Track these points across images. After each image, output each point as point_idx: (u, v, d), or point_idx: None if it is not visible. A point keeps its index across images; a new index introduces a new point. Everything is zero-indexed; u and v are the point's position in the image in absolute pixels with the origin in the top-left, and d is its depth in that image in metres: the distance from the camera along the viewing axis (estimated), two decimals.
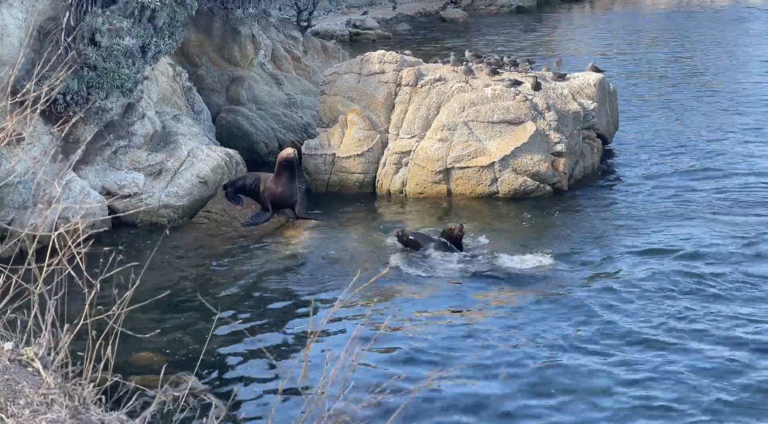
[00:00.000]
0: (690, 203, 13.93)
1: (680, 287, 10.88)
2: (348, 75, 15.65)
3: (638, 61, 26.08)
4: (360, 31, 31.93)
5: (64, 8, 13.06)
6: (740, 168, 15.64)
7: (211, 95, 17.49)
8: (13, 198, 12.24)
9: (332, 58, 20.24)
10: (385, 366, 9.01)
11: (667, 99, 21.02)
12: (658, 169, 15.73)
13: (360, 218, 13.94)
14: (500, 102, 14.60)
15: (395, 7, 36.01)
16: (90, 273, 4.87)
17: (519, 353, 9.36)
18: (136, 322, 8.19)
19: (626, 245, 12.31)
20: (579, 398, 8.46)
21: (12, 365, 4.55)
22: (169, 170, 13.91)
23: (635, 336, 9.64)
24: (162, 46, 13.82)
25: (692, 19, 34.94)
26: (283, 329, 10.08)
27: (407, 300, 10.75)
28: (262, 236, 13.18)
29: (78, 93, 12.90)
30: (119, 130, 13.95)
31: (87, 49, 13.02)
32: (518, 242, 12.72)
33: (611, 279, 11.19)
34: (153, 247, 11.29)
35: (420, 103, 15.02)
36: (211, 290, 11.22)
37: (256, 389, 8.74)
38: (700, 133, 17.90)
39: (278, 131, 17.45)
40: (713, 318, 10.05)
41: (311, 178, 15.29)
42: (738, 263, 11.58)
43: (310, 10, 22.10)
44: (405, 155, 14.86)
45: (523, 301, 10.65)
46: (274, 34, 19.32)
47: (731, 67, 24.49)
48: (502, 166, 14.34)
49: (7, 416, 4.16)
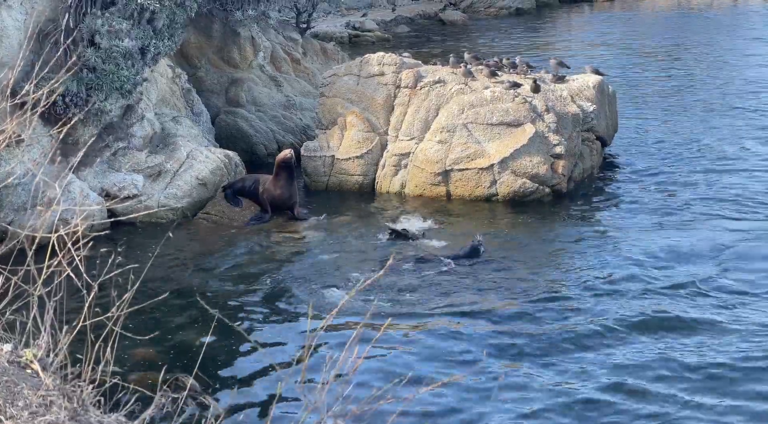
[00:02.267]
0: (690, 205, 13.93)
1: (681, 289, 10.88)
2: (347, 77, 15.66)
3: (638, 63, 26.08)
4: (359, 32, 31.94)
5: (64, 10, 13.07)
6: (741, 170, 15.64)
7: (210, 97, 17.49)
8: (12, 200, 12.25)
9: (331, 59, 20.25)
10: (385, 367, 9.01)
11: (666, 101, 21.03)
12: (658, 172, 15.73)
13: (359, 220, 13.94)
14: (499, 104, 14.61)
15: (394, 9, 36.03)
16: (89, 274, 4.87)
17: (519, 352, 9.36)
18: (135, 323, 8.19)
19: (626, 246, 12.30)
20: (580, 401, 8.47)
21: (11, 366, 4.54)
22: (168, 172, 13.91)
23: (635, 338, 9.64)
24: (161, 47, 13.82)
25: (692, 21, 34.96)
26: (282, 329, 10.08)
27: (408, 301, 10.74)
28: (262, 238, 13.18)
29: (77, 94, 12.91)
30: (118, 131, 13.95)
31: (86, 50, 13.02)
32: (517, 244, 12.72)
33: (611, 281, 11.19)
34: (152, 248, 11.28)
35: (419, 105, 15.02)
36: (210, 292, 11.22)
37: (255, 391, 8.74)
38: (700, 135, 17.90)
39: (277, 133, 17.45)
40: (713, 317, 10.05)
41: (310, 179, 15.29)
42: (738, 264, 11.58)
43: (310, 11, 22.11)
44: (404, 157, 14.86)
45: (521, 303, 10.65)
46: (273, 35, 19.32)
47: (731, 70, 24.49)
48: (502, 168, 14.34)
49: (5, 417, 4.15)
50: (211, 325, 9.57)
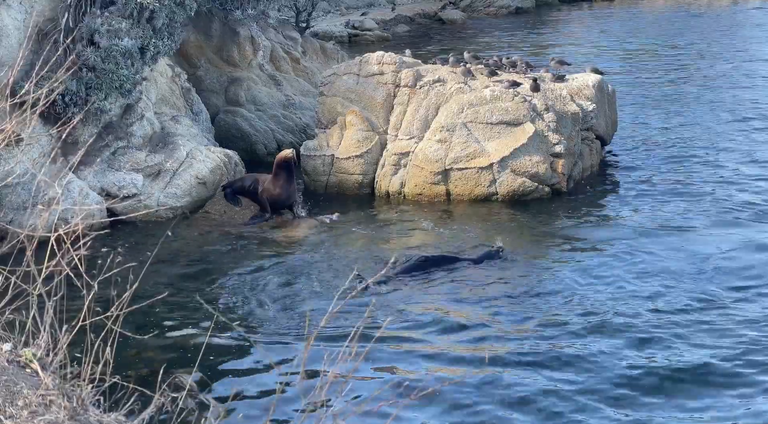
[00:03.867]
0: (690, 205, 13.93)
1: (683, 287, 10.88)
2: (347, 76, 15.65)
3: (637, 62, 26.08)
4: (359, 32, 31.94)
5: (63, 9, 13.07)
6: (741, 169, 15.63)
7: (209, 96, 17.49)
8: (12, 199, 12.25)
9: (331, 59, 20.24)
10: (385, 367, 9.01)
11: (666, 100, 21.03)
12: (658, 171, 15.73)
13: (359, 219, 13.95)
14: (499, 103, 14.61)
15: (394, 8, 36.00)
16: (89, 274, 4.87)
17: (518, 352, 9.36)
18: (134, 322, 8.20)
19: (625, 245, 12.30)
20: (580, 401, 8.47)
21: (10, 366, 4.55)
22: (167, 171, 13.91)
23: (635, 336, 9.64)
24: (161, 47, 13.82)
25: (692, 20, 34.95)
26: (281, 329, 10.08)
27: (408, 300, 10.74)
28: (261, 237, 13.18)
29: (77, 94, 12.90)
30: (118, 131, 13.95)
31: (86, 50, 13.02)
32: (517, 243, 12.72)
33: (610, 279, 11.19)
34: (152, 247, 11.28)
35: (419, 105, 15.02)
36: (210, 291, 11.22)
37: (254, 390, 8.74)
38: (700, 134, 17.90)
39: (277, 132, 17.45)
40: (713, 317, 10.06)
41: (310, 179, 15.29)
42: (739, 262, 11.58)
43: (309, 11, 22.12)
44: (404, 156, 14.86)
45: (520, 301, 10.65)
46: (272, 35, 19.31)
47: (731, 69, 24.49)
48: (501, 168, 14.34)
49: (5, 417, 4.16)
50: (210, 324, 9.57)
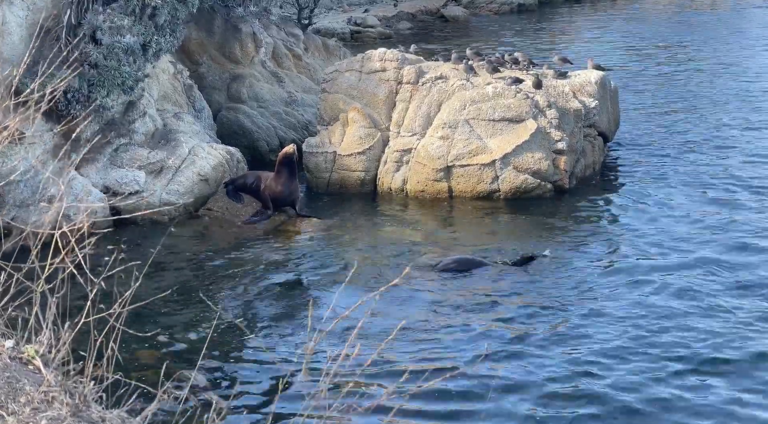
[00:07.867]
0: (693, 200, 13.93)
1: (685, 284, 10.88)
2: (349, 73, 15.65)
3: (640, 59, 26.05)
4: (361, 29, 31.90)
5: (65, 6, 13.06)
6: (743, 167, 15.62)
7: (212, 93, 17.48)
8: (15, 196, 12.25)
9: (333, 56, 20.22)
10: (387, 365, 9.01)
11: (668, 97, 21.01)
12: (660, 168, 15.71)
13: (361, 216, 13.95)
14: (501, 100, 14.60)
15: (396, 5, 35.97)
16: (91, 271, 4.88)
17: (518, 353, 9.37)
18: (137, 319, 8.21)
19: (627, 243, 12.31)
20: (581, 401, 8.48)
21: (13, 362, 4.55)
22: (170, 168, 13.91)
23: (634, 333, 9.64)
24: (163, 44, 13.81)
25: (694, 18, 34.90)
26: (284, 326, 10.09)
27: (410, 298, 10.74)
28: (263, 234, 13.19)
29: (79, 91, 12.91)
30: (120, 128, 13.95)
31: (88, 47, 13.02)
32: (519, 240, 12.72)
33: (612, 276, 11.19)
34: (154, 244, 11.29)
35: (421, 101, 15.02)
36: (212, 288, 11.23)
37: (257, 387, 8.75)
38: (702, 131, 17.88)
39: (279, 129, 17.44)
40: (712, 318, 10.06)
41: (312, 176, 15.29)
42: (743, 257, 11.58)
43: (311, 7, 22.11)
44: (406, 153, 14.86)
45: (521, 299, 10.66)
46: (275, 32, 19.30)
47: (733, 66, 24.45)
48: (503, 165, 14.34)
49: (7, 413, 4.16)
50: (213, 321, 9.58)
